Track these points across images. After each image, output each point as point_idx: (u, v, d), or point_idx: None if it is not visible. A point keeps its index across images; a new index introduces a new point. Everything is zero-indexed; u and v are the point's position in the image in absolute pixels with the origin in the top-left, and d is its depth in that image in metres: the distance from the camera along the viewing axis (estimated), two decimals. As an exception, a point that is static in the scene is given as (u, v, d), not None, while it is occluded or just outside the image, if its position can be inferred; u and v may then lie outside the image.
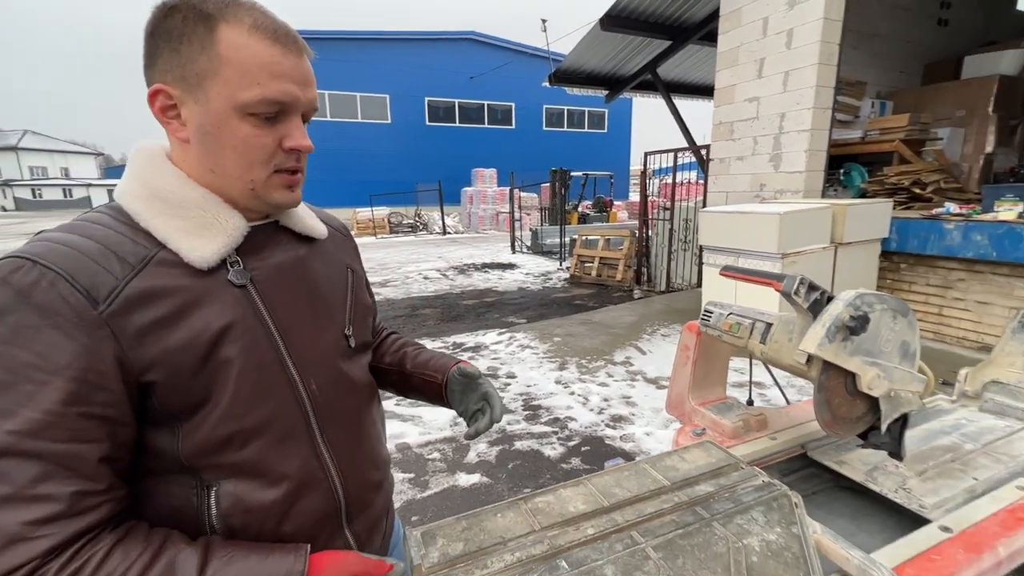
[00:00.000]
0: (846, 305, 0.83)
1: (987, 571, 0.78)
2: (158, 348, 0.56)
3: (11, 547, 0.46)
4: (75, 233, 0.57)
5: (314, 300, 0.72)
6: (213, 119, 0.59)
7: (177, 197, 0.61)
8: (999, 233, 3.56)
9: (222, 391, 0.60)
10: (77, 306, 0.52)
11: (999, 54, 5.64)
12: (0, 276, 0.51)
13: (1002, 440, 1.18)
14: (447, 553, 0.66)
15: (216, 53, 0.57)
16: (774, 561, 0.68)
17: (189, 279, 0.59)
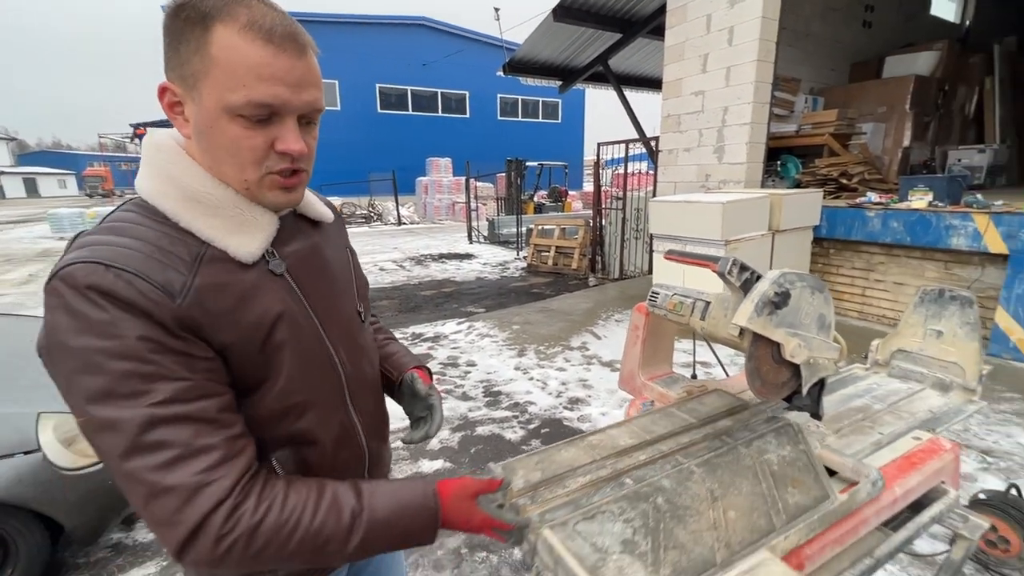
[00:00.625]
0: (771, 283, 0.94)
1: (885, 508, 0.92)
2: (229, 335, 0.62)
3: (198, 495, 0.54)
4: (126, 235, 0.59)
5: (332, 281, 0.78)
6: (206, 119, 0.60)
7: (213, 199, 0.64)
8: (912, 220, 3.93)
9: (279, 370, 0.66)
10: (158, 300, 0.56)
11: (915, 55, 6.15)
12: (79, 281, 0.54)
13: (904, 400, 1.35)
14: (529, 480, 0.83)
15: (208, 54, 0.58)
16: (790, 468, 0.90)
17: (240, 273, 0.64)
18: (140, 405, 0.53)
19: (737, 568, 0.70)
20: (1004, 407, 3.05)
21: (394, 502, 0.65)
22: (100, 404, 0.53)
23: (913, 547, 1.96)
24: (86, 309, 0.54)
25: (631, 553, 0.71)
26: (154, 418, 0.54)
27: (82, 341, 0.53)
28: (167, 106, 0.63)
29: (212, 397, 0.59)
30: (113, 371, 0.53)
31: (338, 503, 0.62)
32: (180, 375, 0.56)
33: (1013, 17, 8.67)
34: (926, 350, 1.46)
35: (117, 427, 0.53)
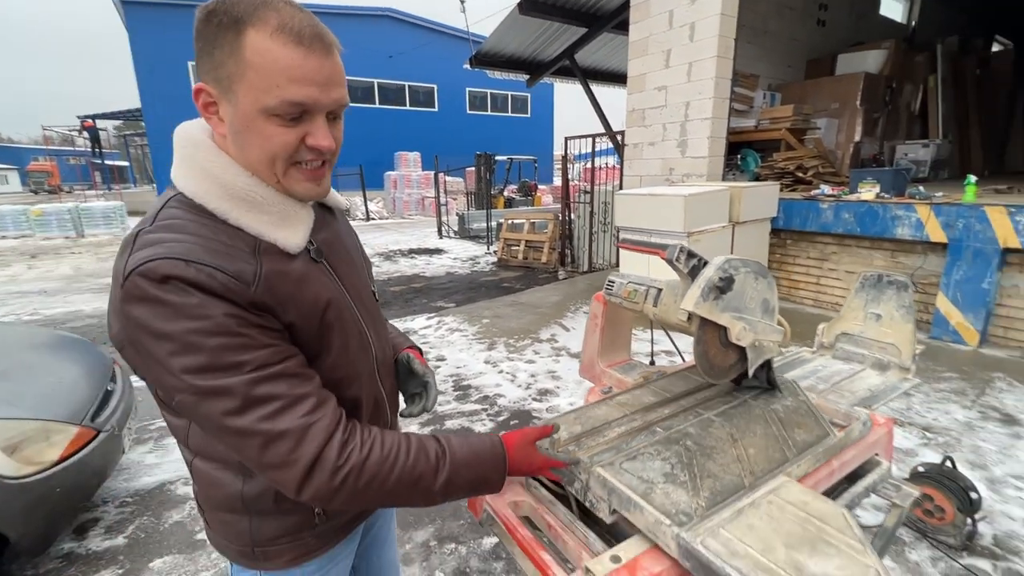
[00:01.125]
0: (716, 269, 0.97)
1: (823, 479, 0.97)
2: (293, 315, 0.69)
3: (307, 434, 0.62)
4: (189, 234, 0.64)
5: (355, 265, 0.86)
6: (242, 119, 0.64)
7: (258, 197, 0.68)
8: (861, 211, 4.12)
9: (330, 347, 0.74)
10: (236, 288, 0.62)
11: (865, 54, 6.42)
12: (163, 273, 0.59)
13: (846, 380, 1.43)
14: (572, 431, 0.99)
15: (242, 58, 0.61)
16: (794, 414, 1.06)
17: (290, 262, 0.70)
18: (241, 371, 0.60)
19: (763, 489, 0.81)
20: (943, 386, 3.25)
21: (468, 448, 0.75)
22: (205, 376, 0.59)
23: (860, 519, 2.08)
24: (175, 297, 0.59)
25: (673, 483, 0.84)
26: (256, 379, 0.61)
27: (177, 325, 0.59)
28: (202, 106, 0.66)
29: (294, 357, 0.66)
30: (211, 346, 0.59)
31: (424, 445, 0.71)
32: (265, 343, 0.63)
33: (955, 18, 9.16)
34: (867, 332, 1.54)
35: (225, 392, 0.60)
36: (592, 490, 0.86)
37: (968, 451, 2.55)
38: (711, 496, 0.80)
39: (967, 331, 3.73)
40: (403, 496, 0.70)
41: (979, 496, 1.92)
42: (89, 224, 12.23)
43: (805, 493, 0.78)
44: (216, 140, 0.70)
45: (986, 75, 7.97)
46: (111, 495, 2.41)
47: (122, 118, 23.31)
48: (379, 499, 0.69)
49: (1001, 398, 3.07)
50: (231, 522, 0.78)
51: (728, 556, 0.66)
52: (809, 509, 0.74)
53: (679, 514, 0.76)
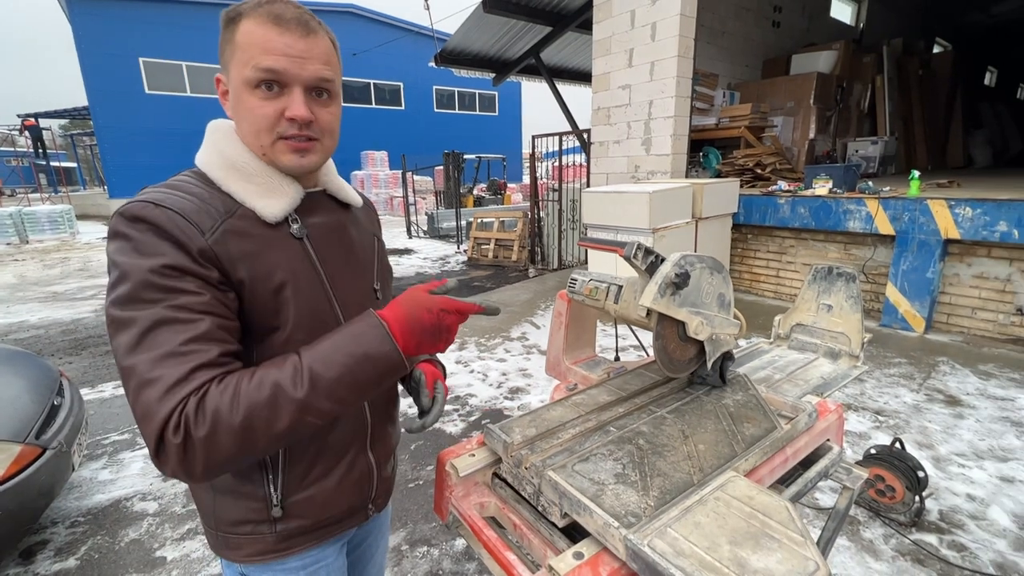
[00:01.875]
0: (672, 265, 0.99)
1: (777, 467, 1.00)
2: (245, 274, 0.70)
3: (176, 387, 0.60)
4: (179, 189, 0.71)
5: (351, 256, 0.87)
6: (234, 95, 0.73)
7: (249, 168, 0.75)
8: (816, 206, 4.29)
9: (286, 321, 0.74)
10: (190, 233, 0.66)
11: (817, 54, 6.68)
12: (134, 213, 0.66)
13: (800, 369, 1.48)
14: (526, 435, 0.97)
15: (233, 41, 0.71)
16: (744, 409, 1.09)
17: (263, 229, 0.74)
18: (152, 306, 0.62)
19: (711, 486, 0.82)
20: (893, 371, 3.43)
21: (335, 335, 0.69)
22: (122, 306, 0.63)
23: (818, 502, 2.17)
24: (131, 232, 0.65)
25: (624, 483, 0.84)
26: (161, 319, 0.62)
27: (123, 257, 0.65)
28: (220, 95, 0.77)
29: (216, 316, 0.66)
30: (140, 281, 0.63)
31: (276, 362, 0.66)
32: (194, 291, 0.64)
33: (899, 21, 9.64)
34: (819, 323, 1.60)
35: (130, 324, 0.62)
36: (544, 494, 0.86)
37: (916, 432, 2.69)
38: (660, 495, 0.82)
39: (914, 318, 3.93)
40: (270, 421, 0.61)
41: (926, 475, 2.03)
42: (33, 229, 11.55)
43: (751, 488, 0.80)
44: (234, 128, 0.79)
45: (928, 75, 8.43)
46: (61, 515, 2.28)
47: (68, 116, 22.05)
48: (243, 436, 0.60)
49: (945, 381, 3.26)
50: (201, 498, 0.81)
51: (674, 556, 0.67)
52: (754, 504, 0.76)
53: (628, 515, 0.77)
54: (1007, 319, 3.67)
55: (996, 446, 2.53)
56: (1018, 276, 3.57)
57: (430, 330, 0.72)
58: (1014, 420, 2.76)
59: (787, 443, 1.03)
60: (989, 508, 2.10)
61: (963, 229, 3.60)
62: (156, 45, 15.07)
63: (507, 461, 0.97)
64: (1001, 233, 3.44)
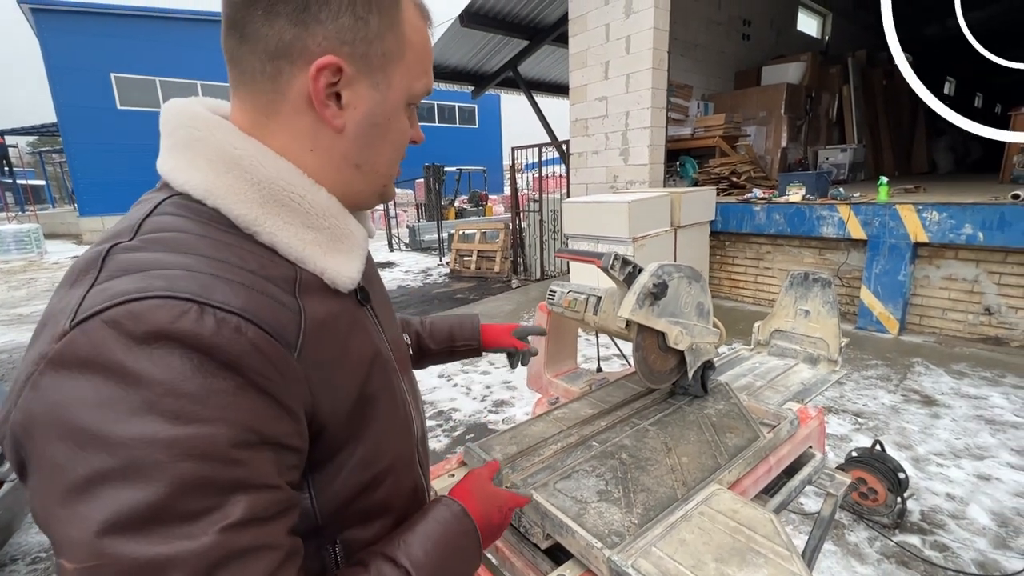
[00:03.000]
0: (650, 275, 0.99)
1: (761, 477, 0.99)
2: (334, 392, 0.46)
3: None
4: (204, 256, 0.41)
5: (388, 307, 0.65)
6: (388, 109, 0.51)
7: (306, 203, 0.48)
8: (790, 212, 4.39)
9: (367, 430, 0.51)
10: (274, 356, 0.40)
11: (786, 66, 6.88)
12: (156, 328, 0.35)
13: (781, 375, 1.49)
14: (507, 452, 0.94)
15: (402, 33, 0.49)
16: (726, 418, 1.08)
17: (336, 305, 0.49)
18: (206, 532, 0.34)
19: (695, 500, 0.81)
20: (871, 373, 3.49)
21: (432, 544, 0.52)
22: (139, 534, 0.33)
23: (802, 506, 2.17)
24: (157, 372, 0.35)
25: (607, 500, 0.82)
26: (224, 552, 0.34)
27: (138, 428, 0.34)
28: (323, 87, 0.46)
29: (293, 510, 0.42)
30: (180, 478, 0.34)
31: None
32: (265, 481, 0.38)
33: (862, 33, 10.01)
34: (797, 328, 1.61)
35: (163, 571, 0.33)
36: (525, 515, 0.84)
37: (895, 433, 2.73)
38: (644, 512, 0.80)
39: (888, 320, 4.02)
40: None
41: (906, 476, 2.05)
42: (-2, 249, 11.15)
43: (735, 501, 0.79)
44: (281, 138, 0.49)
45: (891, 85, 8.75)
46: (20, 551, 2.16)
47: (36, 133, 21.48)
48: None
49: (920, 381, 3.32)
50: None
51: None
52: (739, 518, 0.75)
53: (611, 535, 0.75)
54: (976, 319, 3.78)
55: (972, 444, 2.58)
56: (985, 277, 3.68)
57: (496, 531, 0.61)
58: (987, 418, 2.82)
59: (770, 452, 1.02)
60: (968, 507, 2.13)
61: (931, 232, 3.71)
62: (128, 60, 14.81)
63: None
64: (967, 235, 3.55)
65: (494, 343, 1.05)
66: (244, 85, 0.48)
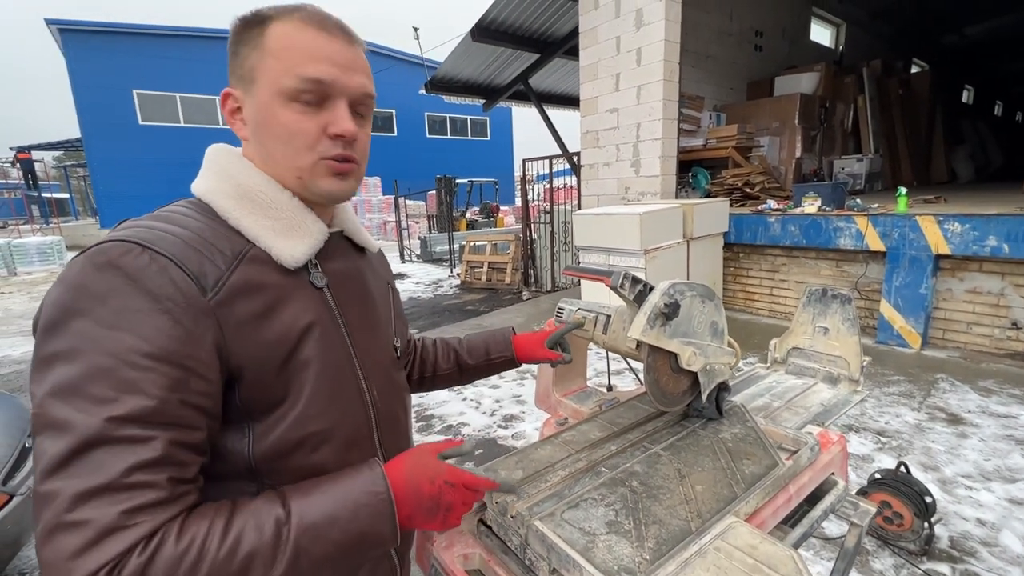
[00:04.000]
0: (661, 294, 0.95)
1: (780, 507, 0.94)
2: (253, 340, 0.57)
3: (108, 537, 0.44)
4: (172, 224, 0.57)
5: (371, 309, 0.75)
6: (261, 108, 0.61)
7: (267, 199, 0.63)
8: (806, 224, 4.30)
9: (300, 391, 0.61)
10: (188, 292, 0.52)
11: (799, 76, 6.83)
12: (107, 259, 0.50)
13: (799, 395, 1.43)
14: (513, 478, 0.88)
15: (263, 46, 0.61)
16: (743, 443, 1.01)
17: (278, 276, 0.61)
18: (98, 410, 0.46)
19: (711, 533, 0.76)
20: (892, 389, 3.37)
21: (329, 500, 0.55)
22: (60, 399, 0.47)
23: (824, 531, 2.09)
24: (98, 286, 0.49)
25: (616, 532, 0.78)
26: (102, 435, 0.46)
27: (77, 322, 0.48)
28: (228, 113, 0.65)
29: (179, 428, 0.50)
30: (93, 368, 0.47)
31: (257, 515, 0.51)
32: (157, 393, 0.49)
33: (877, 43, 9.92)
34: (816, 346, 1.56)
35: (62, 430, 0.46)
36: (531, 547, 0.79)
37: (920, 453, 2.63)
38: (656, 546, 0.75)
39: (910, 335, 3.90)
40: None
41: (933, 499, 1.96)
42: (22, 261, 11.44)
43: (753, 535, 0.74)
44: (243, 152, 0.67)
45: (908, 94, 8.63)
46: (29, 566, 2.16)
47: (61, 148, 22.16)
48: None
49: (945, 398, 3.21)
50: None
51: None
52: (758, 555, 0.70)
53: (621, 572, 0.70)
54: (1003, 333, 3.65)
55: (1003, 466, 2.47)
56: (1011, 290, 3.56)
57: (426, 504, 0.60)
58: (1018, 438, 2.70)
59: (790, 480, 0.97)
60: (1000, 533, 2.02)
61: (953, 244, 3.60)
62: (150, 77, 15.25)
63: (492, 508, 0.90)
64: (991, 248, 3.44)
65: (529, 357, 1.08)
66: None
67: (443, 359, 1.07)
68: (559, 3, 6.21)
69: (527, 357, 1.08)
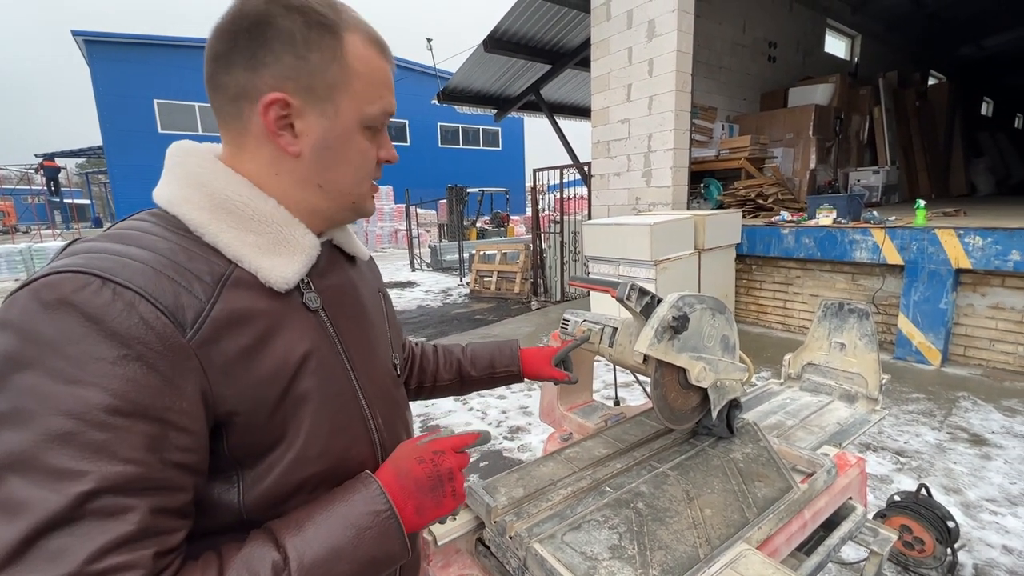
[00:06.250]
0: (670, 307, 0.91)
1: (795, 534, 0.89)
2: (244, 381, 0.50)
3: None
4: (135, 245, 0.48)
5: (368, 327, 0.69)
6: (340, 133, 0.57)
7: (249, 210, 0.55)
8: (821, 236, 4.22)
9: (297, 430, 0.54)
10: (163, 332, 0.44)
11: (814, 87, 6.76)
12: (59, 295, 0.41)
13: (815, 414, 1.37)
14: (512, 496, 0.86)
15: (346, 64, 0.55)
16: (755, 464, 0.97)
17: (268, 302, 0.54)
18: (61, 490, 0.38)
19: (720, 562, 0.72)
20: (911, 407, 3.27)
21: (328, 527, 0.50)
22: (10, 473, 0.38)
23: (840, 555, 2.00)
24: (55, 335, 0.40)
25: (620, 558, 0.74)
26: (63, 514, 0.38)
27: (27, 379, 0.39)
28: (273, 120, 0.54)
29: (160, 492, 0.43)
30: (48, 430, 0.39)
31: (250, 564, 0.45)
32: (131, 455, 0.41)
33: (893, 55, 9.82)
34: (832, 362, 1.50)
35: (15, 513, 0.37)
36: (530, 571, 0.76)
37: (941, 475, 2.52)
38: (661, 574, 0.71)
39: (929, 351, 3.79)
40: None
41: (956, 525, 1.87)
42: (42, 265, 11.68)
43: (766, 566, 0.70)
44: (253, 165, 0.56)
45: (925, 106, 8.50)
46: None
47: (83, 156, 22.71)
48: None
49: (968, 418, 3.09)
50: None
51: None
52: (773, 588, 0.66)
53: (624, 603, 0.66)
54: (1027, 351, 3.52)
55: (1029, 491, 2.36)
56: (1035, 306, 3.44)
57: (428, 484, 0.57)
58: (1045, 461, 2.59)
59: (805, 505, 0.92)
60: (1029, 562, 1.92)
61: (974, 259, 3.50)
62: (170, 87, 15.61)
63: (490, 528, 0.86)
64: (1015, 263, 3.33)
65: (535, 373, 1.05)
66: (222, 125, 0.57)
67: (444, 369, 1.03)
68: (571, 14, 6.24)
69: (533, 373, 1.04)
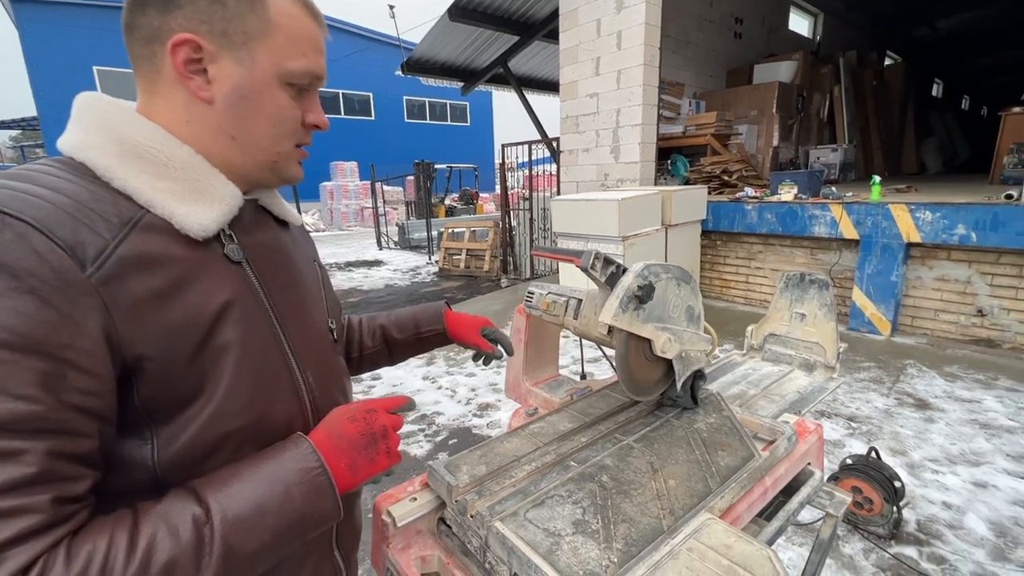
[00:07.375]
0: (635, 276, 0.88)
1: (756, 501, 0.90)
2: (155, 325, 0.47)
3: None
4: (35, 184, 0.45)
5: (300, 287, 0.67)
6: (255, 83, 0.55)
7: (161, 155, 0.52)
8: (782, 211, 4.32)
9: (216, 383, 0.52)
10: (58, 265, 0.42)
11: (778, 64, 6.84)
12: None
13: (775, 383, 1.39)
14: (475, 474, 0.83)
15: (266, 16, 0.54)
16: (718, 433, 0.97)
17: (183, 249, 0.51)
18: None
19: (683, 532, 0.72)
20: (863, 375, 3.43)
21: (256, 479, 0.49)
22: None
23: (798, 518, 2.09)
24: None
25: (583, 533, 0.72)
26: None
27: None
28: (183, 62, 0.52)
29: (59, 436, 0.41)
30: None
31: (168, 518, 0.44)
32: (26, 393, 0.39)
33: (853, 34, 10.02)
34: (793, 333, 1.52)
35: None
36: (491, 549, 0.73)
37: (889, 438, 2.66)
38: (625, 548, 0.70)
39: (880, 321, 3.97)
40: None
41: (902, 484, 1.98)
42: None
43: (728, 534, 0.69)
44: (164, 111, 0.55)
45: (881, 86, 8.75)
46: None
47: (18, 127, 20.99)
48: None
49: (913, 384, 3.27)
50: None
51: None
52: (733, 555, 0.65)
53: (586, 576, 0.65)
54: (968, 320, 3.74)
55: (967, 450, 2.52)
56: (977, 278, 3.64)
57: (361, 442, 0.58)
58: (982, 422, 2.76)
59: (766, 472, 0.93)
60: (965, 516, 2.06)
61: (924, 233, 3.66)
62: (112, 53, 14.48)
63: (451, 507, 0.83)
64: (960, 236, 3.50)
65: (461, 337, 1.03)
66: (137, 71, 0.56)
67: (368, 336, 0.99)
68: (539, -17, 6.07)
69: (459, 336, 1.02)
